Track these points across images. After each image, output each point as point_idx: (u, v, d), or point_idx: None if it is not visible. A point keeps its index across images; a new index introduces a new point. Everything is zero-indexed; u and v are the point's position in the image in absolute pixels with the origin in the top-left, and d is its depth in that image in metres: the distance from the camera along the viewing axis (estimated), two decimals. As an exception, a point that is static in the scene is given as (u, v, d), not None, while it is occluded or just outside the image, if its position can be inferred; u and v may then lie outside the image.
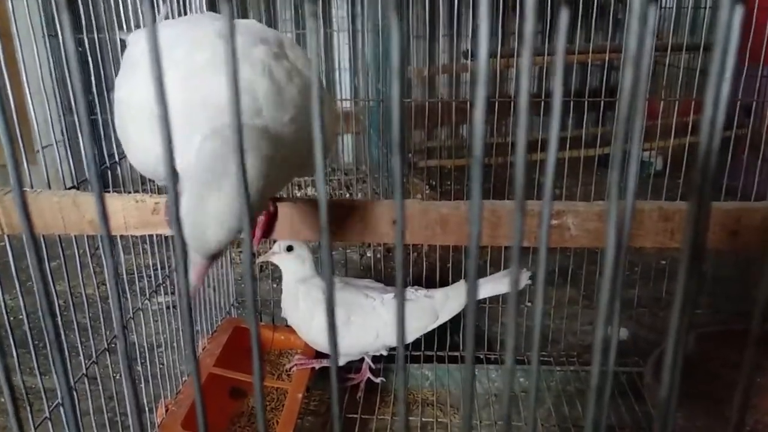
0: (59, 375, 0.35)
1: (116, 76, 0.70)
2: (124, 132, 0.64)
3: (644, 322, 1.86)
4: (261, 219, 0.72)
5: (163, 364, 1.42)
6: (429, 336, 1.71)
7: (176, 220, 0.31)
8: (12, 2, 0.89)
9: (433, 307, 1.51)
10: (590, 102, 1.79)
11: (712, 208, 0.31)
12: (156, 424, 1.26)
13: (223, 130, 0.55)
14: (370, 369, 1.59)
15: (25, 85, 0.92)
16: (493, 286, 1.50)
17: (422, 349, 1.72)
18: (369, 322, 1.45)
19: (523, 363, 1.69)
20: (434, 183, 2.66)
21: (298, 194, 2.86)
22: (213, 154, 0.54)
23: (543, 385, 1.64)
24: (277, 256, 1.46)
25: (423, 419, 1.54)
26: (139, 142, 0.63)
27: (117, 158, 1.21)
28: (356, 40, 3.05)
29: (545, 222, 0.31)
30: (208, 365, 1.40)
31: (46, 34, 1.04)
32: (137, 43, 0.70)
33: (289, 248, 1.45)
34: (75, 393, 1.09)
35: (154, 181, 0.91)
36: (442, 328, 1.71)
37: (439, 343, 1.71)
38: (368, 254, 2.34)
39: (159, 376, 1.42)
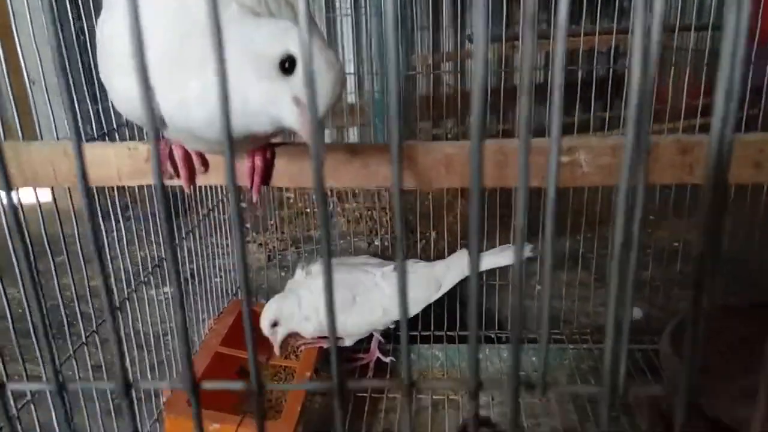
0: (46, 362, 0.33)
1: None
2: (106, 76, 0.61)
3: (657, 303, 1.82)
4: (258, 165, 0.69)
5: (170, 351, 1.40)
6: (438, 315, 1.68)
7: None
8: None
9: (435, 277, 1.49)
10: (597, 91, 1.75)
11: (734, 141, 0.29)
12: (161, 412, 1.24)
13: None
14: (380, 348, 1.56)
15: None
16: (494, 258, 1.48)
17: (432, 329, 1.69)
18: (374, 298, 1.43)
19: (534, 342, 1.65)
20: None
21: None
22: None
23: (556, 362, 1.61)
24: (271, 338, 1.40)
25: (434, 397, 1.50)
26: (119, 87, 0.59)
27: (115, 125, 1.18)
28: (360, 27, 3.03)
29: (554, 156, 0.28)
30: (214, 345, 1.38)
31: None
32: None
33: (274, 323, 1.39)
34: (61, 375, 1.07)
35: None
36: (451, 307, 1.68)
37: (448, 322, 1.68)
38: (376, 242, 2.31)
39: (165, 364, 1.41)
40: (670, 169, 0.66)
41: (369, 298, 1.42)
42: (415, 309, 1.48)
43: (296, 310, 1.39)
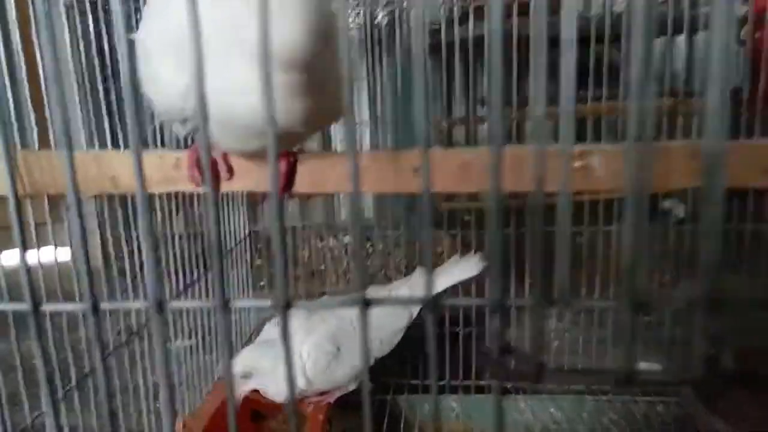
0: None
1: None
2: (148, 70, 0.65)
3: (677, 359, 1.78)
4: (282, 170, 0.71)
5: (181, 383, 1.39)
6: (453, 364, 1.65)
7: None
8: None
9: (405, 305, 1.42)
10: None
11: (745, 147, 0.31)
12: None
13: None
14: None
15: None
16: (447, 277, 1.44)
17: (447, 378, 1.65)
18: (355, 342, 1.35)
19: (553, 393, 1.61)
20: (455, 233, 2.64)
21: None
22: None
23: (574, 414, 1.56)
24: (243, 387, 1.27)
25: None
26: (165, 78, 0.63)
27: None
28: (375, 90, 3.14)
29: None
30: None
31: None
32: None
33: (246, 375, 1.26)
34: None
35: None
36: (467, 354, 1.65)
37: (464, 372, 1.65)
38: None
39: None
40: (680, 176, 0.68)
41: (351, 344, 1.34)
42: (395, 340, 1.42)
43: (273, 365, 1.24)
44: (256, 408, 1.38)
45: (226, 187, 0.74)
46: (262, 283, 2.39)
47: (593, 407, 1.56)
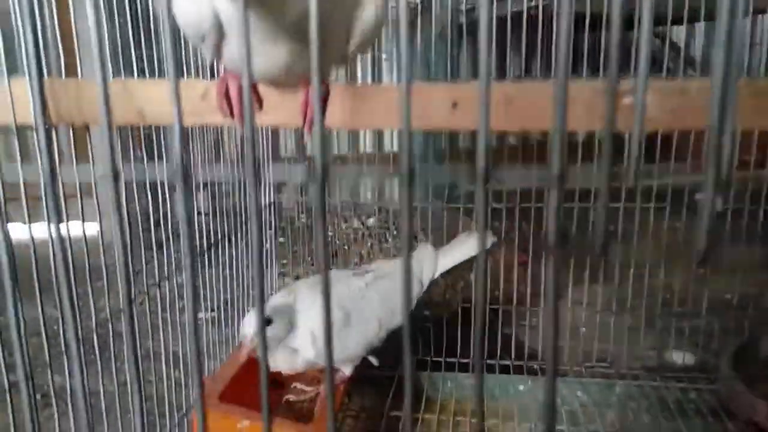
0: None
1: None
2: None
3: (711, 349, 1.72)
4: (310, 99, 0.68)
5: (201, 354, 1.37)
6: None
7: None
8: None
9: (414, 275, 1.37)
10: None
11: None
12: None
13: None
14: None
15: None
16: (455, 252, 1.41)
17: (471, 356, 1.61)
18: (367, 311, 1.28)
19: (579, 376, 1.57)
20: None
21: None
22: None
23: (602, 399, 1.51)
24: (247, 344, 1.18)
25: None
26: None
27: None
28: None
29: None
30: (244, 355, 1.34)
31: None
32: None
33: (267, 321, 1.18)
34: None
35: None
36: (492, 335, 1.61)
37: (489, 351, 1.61)
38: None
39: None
40: (741, 115, 0.63)
41: (362, 312, 1.28)
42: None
43: (281, 334, 1.19)
44: (276, 377, 1.35)
45: (256, 120, 0.71)
46: (285, 261, 2.36)
47: (623, 392, 1.51)
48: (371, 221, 2.99)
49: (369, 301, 1.28)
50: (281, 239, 2.36)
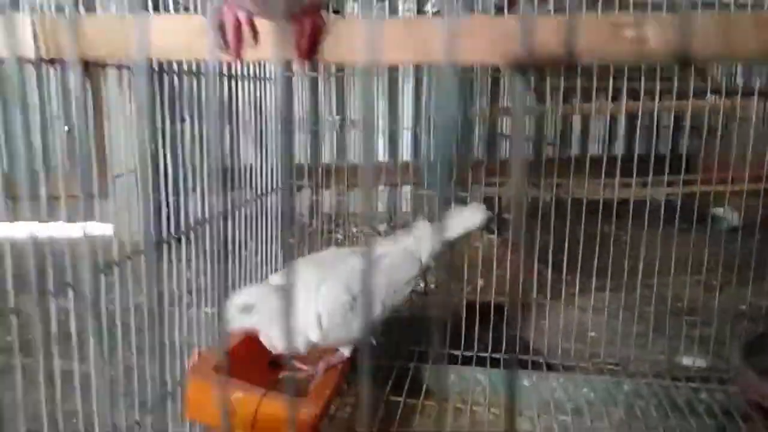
0: None
1: None
2: None
3: (723, 356, 1.67)
4: (307, 29, 0.67)
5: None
6: (482, 336, 1.58)
7: None
8: None
9: (411, 253, 1.33)
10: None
11: None
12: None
13: None
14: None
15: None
16: (452, 227, 1.36)
17: (475, 350, 1.58)
18: (372, 291, 1.22)
19: (586, 373, 1.52)
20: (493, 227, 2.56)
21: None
22: None
23: (609, 397, 1.46)
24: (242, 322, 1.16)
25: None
26: None
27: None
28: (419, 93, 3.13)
29: None
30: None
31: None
32: None
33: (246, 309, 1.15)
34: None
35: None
36: (497, 326, 1.58)
37: (493, 345, 1.57)
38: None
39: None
40: (745, 46, 0.61)
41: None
42: (408, 288, 1.34)
43: (278, 310, 1.16)
44: (275, 359, 1.33)
45: (251, 55, 0.71)
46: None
47: (631, 390, 1.46)
48: (382, 227, 2.98)
49: (373, 284, 1.25)
50: (291, 240, 2.35)
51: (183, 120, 1.24)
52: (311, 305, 1.18)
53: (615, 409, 1.43)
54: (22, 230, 0.74)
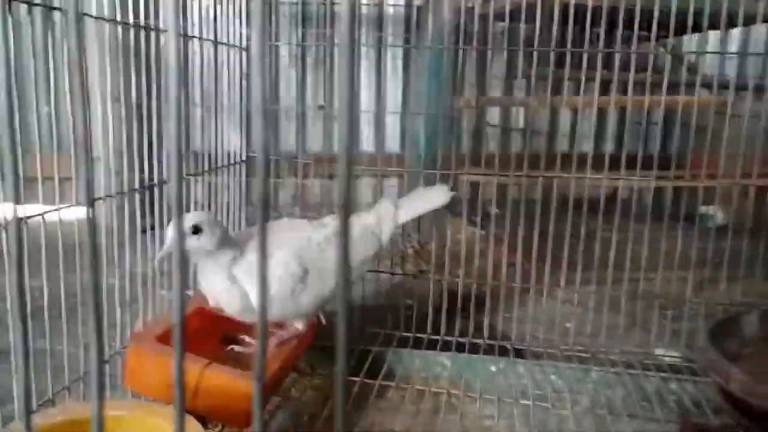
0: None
1: None
2: None
3: (693, 348, 1.62)
4: None
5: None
6: (450, 318, 1.54)
7: None
8: None
9: (372, 230, 1.30)
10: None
11: None
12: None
13: None
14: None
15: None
16: (415, 206, 1.36)
17: (441, 333, 1.53)
18: (325, 268, 1.18)
19: (556, 359, 1.48)
20: (475, 218, 2.50)
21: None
22: None
23: (577, 385, 1.41)
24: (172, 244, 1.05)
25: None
26: None
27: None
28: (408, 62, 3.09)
29: None
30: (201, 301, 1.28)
31: None
32: None
33: (196, 230, 1.07)
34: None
35: None
36: (464, 312, 1.54)
37: (460, 328, 1.53)
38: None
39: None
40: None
41: (320, 270, 1.18)
42: (365, 267, 1.33)
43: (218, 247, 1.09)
44: (228, 334, 1.28)
45: None
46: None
47: (599, 379, 1.42)
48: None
49: (328, 259, 1.19)
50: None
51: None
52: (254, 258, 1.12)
53: (581, 397, 1.39)
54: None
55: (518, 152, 1.66)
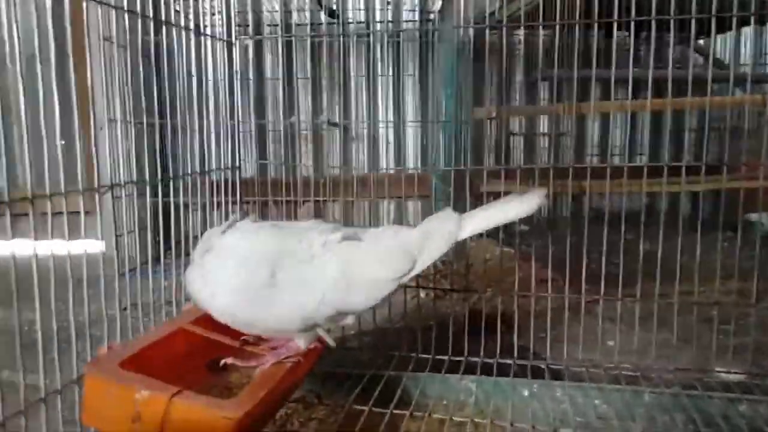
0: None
1: None
2: None
3: (763, 365, 1.38)
4: None
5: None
6: (475, 339, 1.34)
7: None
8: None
9: (406, 249, 1.01)
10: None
11: None
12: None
13: None
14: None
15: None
16: (499, 212, 1.04)
17: (465, 354, 1.34)
18: (308, 278, 0.98)
19: (600, 382, 1.27)
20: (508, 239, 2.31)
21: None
22: None
23: (626, 411, 1.20)
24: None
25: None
26: None
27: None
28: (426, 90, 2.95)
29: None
30: (181, 322, 1.12)
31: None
32: None
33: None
34: None
35: None
36: (491, 327, 1.35)
37: (486, 348, 1.33)
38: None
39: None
40: None
41: (299, 276, 0.98)
42: (379, 294, 1.01)
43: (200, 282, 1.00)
44: (216, 358, 1.11)
45: None
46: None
47: (654, 402, 1.20)
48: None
49: (316, 266, 0.99)
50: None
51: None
52: (213, 259, 1.01)
53: (632, 425, 1.17)
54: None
55: (543, 166, 1.46)
